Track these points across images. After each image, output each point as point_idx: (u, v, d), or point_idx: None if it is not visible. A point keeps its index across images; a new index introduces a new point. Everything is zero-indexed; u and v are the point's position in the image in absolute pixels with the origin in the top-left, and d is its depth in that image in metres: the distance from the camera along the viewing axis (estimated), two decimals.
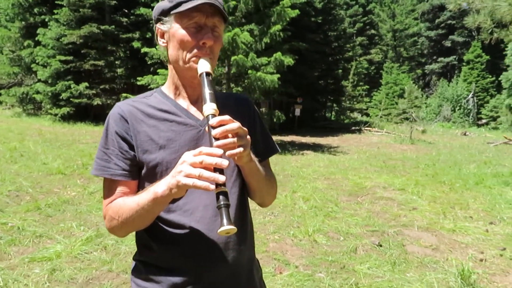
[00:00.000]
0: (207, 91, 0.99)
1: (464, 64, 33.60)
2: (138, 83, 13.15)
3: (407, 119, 17.92)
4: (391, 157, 11.57)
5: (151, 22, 16.68)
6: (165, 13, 1.08)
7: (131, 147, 1.07)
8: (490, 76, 31.39)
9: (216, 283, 1.08)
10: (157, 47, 11.27)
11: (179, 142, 1.08)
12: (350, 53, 26.86)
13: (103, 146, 1.08)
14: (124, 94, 15.53)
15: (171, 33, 1.08)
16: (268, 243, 4.14)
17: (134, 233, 1.15)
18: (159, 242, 1.08)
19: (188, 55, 1.06)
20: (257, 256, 3.99)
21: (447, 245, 4.32)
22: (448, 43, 40.74)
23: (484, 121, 29.02)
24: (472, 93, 30.26)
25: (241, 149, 0.92)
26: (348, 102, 28.09)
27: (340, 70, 24.73)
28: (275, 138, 15.39)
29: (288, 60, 11.27)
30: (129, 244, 3.81)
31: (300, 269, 3.57)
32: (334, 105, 27.42)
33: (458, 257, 3.94)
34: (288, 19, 11.47)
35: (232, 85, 11.35)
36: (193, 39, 1.05)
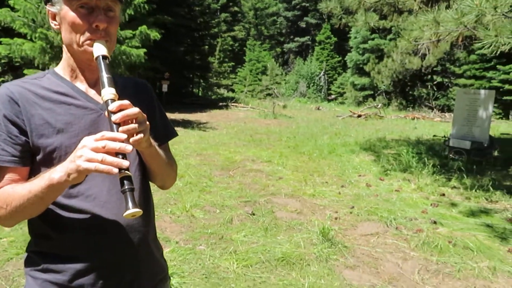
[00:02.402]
0: (104, 75, 0.97)
1: (316, 44, 36.96)
2: None
3: (269, 95, 19.11)
4: (257, 131, 12.30)
5: None
6: None
7: (22, 131, 0.99)
8: (338, 56, 35.22)
9: (121, 264, 1.09)
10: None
11: (79, 125, 1.04)
12: (216, 29, 27.11)
13: None
14: None
15: (62, 15, 1.02)
16: None
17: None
18: (59, 229, 1.04)
19: (82, 38, 1.02)
20: None
21: (309, 208, 4.89)
22: (303, 24, 44.02)
23: (333, 96, 32.61)
24: (323, 71, 33.61)
25: (141, 135, 0.93)
26: (215, 78, 28.52)
27: (206, 46, 24.86)
28: None
29: (155, 34, 10.91)
30: None
31: (181, 244, 3.67)
32: (201, 81, 27.56)
33: (319, 218, 4.51)
34: None
35: None
36: (84, 22, 1.01)
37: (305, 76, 33.29)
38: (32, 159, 1.02)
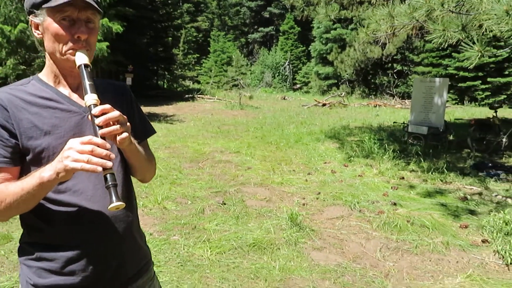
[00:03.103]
0: (87, 83, 1.07)
1: (280, 34, 37.15)
2: None
3: (235, 85, 19.15)
4: (224, 122, 12.38)
5: None
6: (37, 6, 1.09)
7: (12, 135, 1.08)
8: (302, 46, 35.53)
9: (109, 252, 1.21)
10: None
11: (64, 127, 1.14)
12: (179, 21, 26.73)
13: None
14: None
15: (45, 26, 1.11)
16: None
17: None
18: (49, 222, 1.14)
19: (64, 48, 1.11)
20: None
21: (277, 196, 5.09)
22: (266, 14, 44.05)
23: (298, 86, 32.98)
24: (288, 61, 33.89)
25: (126, 134, 1.06)
26: (179, 70, 28.18)
27: (170, 38, 24.49)
28: None
29: (117, 27, 10.72)
30: None
31: (155, 235, 3.76)
32: (166, 73, 27.17)
33: (287, 205, 4.72)
34: None
35: None
36: (67, 33, 1.10)
37: (270, 66, 33.44)
38: (22, 159, 1.12)
